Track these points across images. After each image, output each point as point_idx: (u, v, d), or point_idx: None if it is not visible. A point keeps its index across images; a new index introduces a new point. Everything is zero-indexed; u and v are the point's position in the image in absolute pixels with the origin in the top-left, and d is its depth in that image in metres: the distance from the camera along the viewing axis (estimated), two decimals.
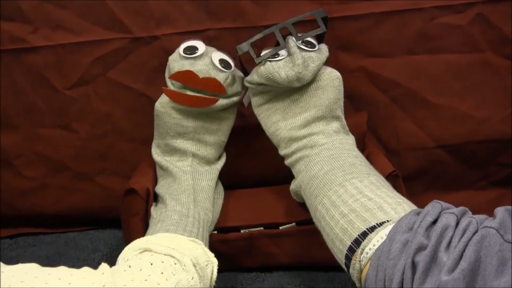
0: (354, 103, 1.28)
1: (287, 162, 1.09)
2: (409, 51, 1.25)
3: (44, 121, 1.32)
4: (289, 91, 1.08)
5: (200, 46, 1.11)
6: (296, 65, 1.01)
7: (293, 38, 1.04)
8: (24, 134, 1.33)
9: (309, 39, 1.06)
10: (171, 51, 1.13)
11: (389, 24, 1.23)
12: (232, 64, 1.12)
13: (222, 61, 1.10)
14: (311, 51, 1.04)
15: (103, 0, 1.23)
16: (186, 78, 1.07)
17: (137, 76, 1.28)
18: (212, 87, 1.08)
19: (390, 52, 1.25)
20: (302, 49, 1.03)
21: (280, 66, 1.03)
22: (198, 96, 1.08)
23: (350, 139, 1.08)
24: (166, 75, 1.12)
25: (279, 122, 1.09)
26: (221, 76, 1.08)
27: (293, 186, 1.08)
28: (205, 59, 1.09)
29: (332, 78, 1.06)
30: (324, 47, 1.08)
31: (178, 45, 1.12)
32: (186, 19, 1.23)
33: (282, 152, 1.10)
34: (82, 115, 1.32)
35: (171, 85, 1.10)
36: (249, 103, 1.15)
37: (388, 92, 1.28)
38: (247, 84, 1.11)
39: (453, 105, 1.27)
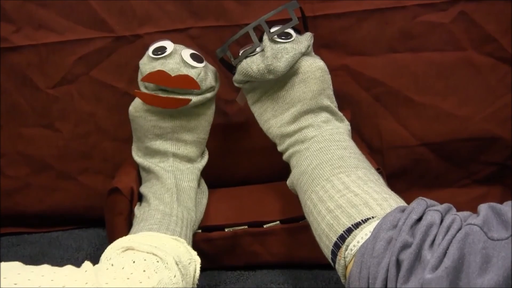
0: (336, 102, 1.28)
1: (284, 158, 1.09)
2: (392, 50, 1.25)
3: (27, 121, 1.31)
4: (277, 88, 1.08)
5: (169, 45, 1.10)
6: (266, 57, 1.02)
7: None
8: (6, 134, 1.32)
9: (286, 30, 1.06)
10: None
11: (371, 22, 1.23)
12: (203, 58, 1.12)
13: (193, 55, 1.10)
14: (285, 42, 1.04)
15: None
16: (159, 78, 1.06)
17: (120, 75, 1.28)
18: (185, 83, 1.07)
19: (373, 51, 1.26)
20: (276, 41, 1.04)
21: (253, 61, 1.04)
22: (171, 97, 1.07)
23: (342, 127, 1.07)
24: (139, 79, 1.11)
25: (270, 120, 1.09)
26: (193, 72, 1.07)
27: (288, 181, 1.08)
28: (175, 57, 1.08)
29: (313, 69, 1.06)
30: (304, 37, 1.07)
31: None
32: (168, 18, 1.23)
33: (278, 148, 1.10)
34: (65, 114, 1.31)
35: (144, 88, 1.10)
36: (245, 102, 1.15)
37: (370, 91, 1.29)
38: (236, 84, 1.11)
39: (436, 103, 1.28)
